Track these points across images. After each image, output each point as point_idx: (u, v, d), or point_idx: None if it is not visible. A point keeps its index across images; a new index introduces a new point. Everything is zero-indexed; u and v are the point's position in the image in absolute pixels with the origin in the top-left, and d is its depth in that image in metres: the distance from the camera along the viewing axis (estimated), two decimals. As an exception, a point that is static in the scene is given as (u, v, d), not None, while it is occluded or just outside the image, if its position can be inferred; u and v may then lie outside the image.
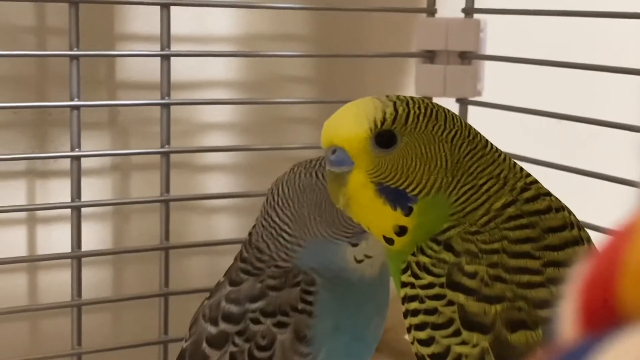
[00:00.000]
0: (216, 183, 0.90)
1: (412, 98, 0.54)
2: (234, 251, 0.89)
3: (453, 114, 0.55)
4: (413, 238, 0.52)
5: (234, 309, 0.64)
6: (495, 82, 0.88)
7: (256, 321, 0.64)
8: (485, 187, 0.53)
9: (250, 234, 0.67)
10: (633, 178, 0.73)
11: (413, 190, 0.52)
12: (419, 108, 0.53)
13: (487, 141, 0.55)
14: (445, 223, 0.52)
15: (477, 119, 0.87)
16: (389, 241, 0.54)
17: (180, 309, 0.81)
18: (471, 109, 0.87)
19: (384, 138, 0.52)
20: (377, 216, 0.53)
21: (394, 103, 0.53)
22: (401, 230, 0.53)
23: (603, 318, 0.19)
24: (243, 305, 0.64)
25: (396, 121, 0.52)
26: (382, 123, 0.52)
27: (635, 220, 0.19)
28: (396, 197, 0.52)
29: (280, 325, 0.64)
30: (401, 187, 0.52)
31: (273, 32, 0.90)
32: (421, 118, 0.53)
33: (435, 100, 0.87)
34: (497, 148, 0.55)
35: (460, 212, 0.52)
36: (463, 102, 0.87)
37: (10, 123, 0.81)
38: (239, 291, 0.64)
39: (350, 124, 0.53)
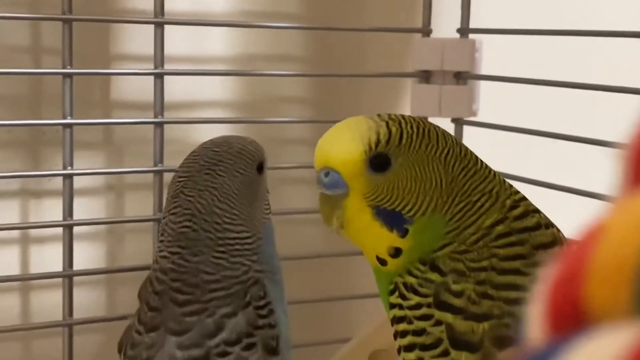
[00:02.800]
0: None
1: (403, 117, 0.54)
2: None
3: (444, 132, 0.54)
4: (407, 259, 0.52)
5: (195, 352, 0.63)
6: (490, 101, 0.88)
7: (224, 354, 0.63)
8: (478, 204, 0.52)
9: (157, 278, 0.66)
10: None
11: (409, 211, 0.52)
12: (411, 127, 0.53)
13: (477, 158, 0.55)
14: (440, 241, 0.52)
15: (472, 138, 0.87)
16: (382, 262, 0.53)
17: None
18: (466, 128, 0.87)
19: (378, 161, 0.52)
20: (373, 238, 0.53)
21: (387, 123, 0.52)
22: (396, 252, 0.52)
23: (570, 320, 0.18)
24: (203, 345, 0.63)
25: (390, 142, 0.52)
26: (377, 145, 0.52)
27: (601, 223, 0.19)
28: (392, 219, 0.52)
29: (249, 347, 0.63)
30: (397, 209, 0.52)
31: (269, 52, 0.90)
32: (414, 138, 0.52)
33: (431, 120, 0.87)
34: (486, 165, 0.55)
35: (456, 230, 0.52)
36: (458, 122, 0.87)
37: (4, 142, 0.81)
38: (191, 336, 0.63)
39: (344, 146, 0.52)
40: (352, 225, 0.53)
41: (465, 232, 0.52)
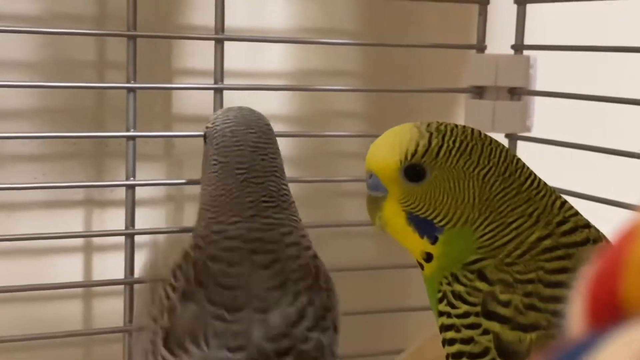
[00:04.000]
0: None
1: (452, 129, 0.54)
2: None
3: (493, 149, 0.54)
4: (439, 265, 0.54)
5: (284, 344, 0.64)
6: (545, 117, 0.88)
7: (305, 339, 0.64)
8: (513, 225, 0.53)
9: (225, 248, 0.66)
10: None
11: (440, 221, 0.54)
12: (454, 142, 0.54)
13: (527, 177, 0.55)
14: (472, 255, 0.53)
15: (526, 154, 0.87)
16: (421, 266, 0.56)
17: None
18: (520, 144, 0.87)
19: (412, 171, 0.54)
20: (408, 241, 0.55)
21: (430, 135, 0.54)
22: (428, 257, 0.55)
23: (608, 314, 0.19)
24: (290, 335, 0.64)
25: (426, 155, 0.53)
26: (413, 156, 0.54)
27: (638, 223, 0.20)
28: (424, 226, 0.54)
29: (324, 330, 0.65)
30: (429, 218, 0.54)
31: (325, 67, 0.92)
32: (453, 153, 0.54)
33: (485, 135, 0.88)
34: (538, 183, 0.55)
35: (488, 247, 0.53)
36: (512, 138, 0.87)
37: (70, 154, 0.84)
38: (278, 326, 0.64)
39: (384, 152, 0.55)
40: (390, 226, 0.56)
41: (504, 248, 0.52)
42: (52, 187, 0.82)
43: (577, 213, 0.55)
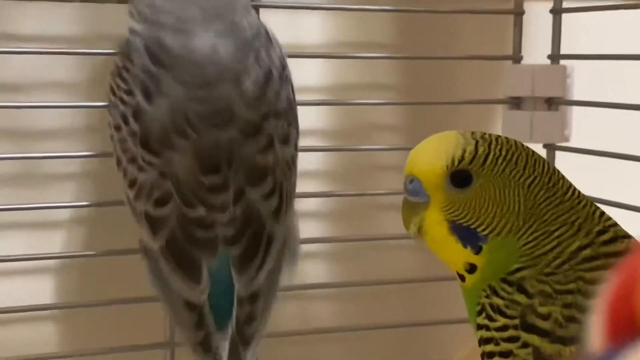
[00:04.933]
0: (306, 229, 0.92)
1: (497, 138, 0.55)
2: (324, 296, 0.91)
3: (537, 159, 0.55)
4: (482, 276, 0.54)
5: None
6: (583, 126, 0.88)
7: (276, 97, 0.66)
8: (556, 234, 0.53)
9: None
10: None
11: (484, 230, 0.53)
12: (500, 150, 0.54)
13: (568, 187, 0.55)
14: (514, 264, 0.53)
15: (564, 164, 0.87)
16: (461, 277, 0.55)
17: (268, 354, 0.82)
18: (558, 154, 0.87)
19: (459, 177, 0.53)
20: (450, 252, 0.54)
21: (476, 142, 0.54)
22: (471, 268, 0.54)
23: (625, 331, 0.20)
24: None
25: (474, 161, 0.53)
26: (460, 162, 0.53)
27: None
28: (467, 235, 0.53)
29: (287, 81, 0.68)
30: (472, 226, 0.53)
31: (361, 80, 0.93)
32: (500, 161, 0.53)
33: (523, 145, 0.88)
34: (579, 194, 0.55)
35: (529, 255, 0.53)
36: (550, 148, 0.87)
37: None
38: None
39: (429, 157, 0.54)
40: (429, 235, 0.55)
41: (545, 257, 0.52)
42: (87, 206, 0.83)
43: (616, 224, 0.55)
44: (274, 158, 0.66)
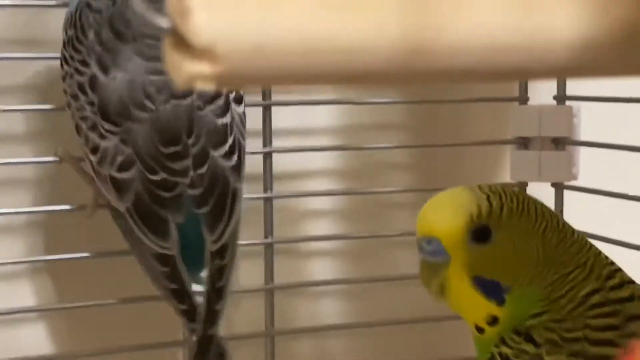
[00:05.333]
0: (320, 269, 0.93)
1: (503, 189, 0.56)
2: (341, 335, 0.92)
3: (541, 205, 0.56)
4: (503, 327, 0.54)
5: None
6: (591, 164, 0.89)
7: None
8: (571, 276, 0.54)
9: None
10: None
11: (508, 281, 0.54)
12: (511, 201, 0.55)
13: (573, 230, 0.56)
14: (533, 309, 0.54)
15: (572, 202, 0.88)
16: (480, 330, 0.56)
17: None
18: (567, 193, 0.88)
19: (480, 232, 0.54)
20: (472, 306, 0.55)
21: (488, 196, 0.55)
22: (493, 320, 0.55)
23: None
24: None
25: (491, 215, 0.54)
26: (478, 217, 0.54)
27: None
28: (491, 288, 0.54)
29: None
30: (496, 279, 0.54)
31: (372, 122, 0.94)
32: (514, 211, 0.54)
33: (531, 185, 0.89)
34: (582, 236, 0.56)
35: (547, 300, 0.54)
36: (558, 187, 0.88)
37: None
38: None
39: (447, 216, 0.55)
40: (452, 292, 0.55)
41: (560, 301, 0.53)
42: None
43: (620, 269, 0.56)
44: (231, 118, 0.69)
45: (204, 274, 0.70)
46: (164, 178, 0.67)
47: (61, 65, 0.69)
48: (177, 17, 0.27)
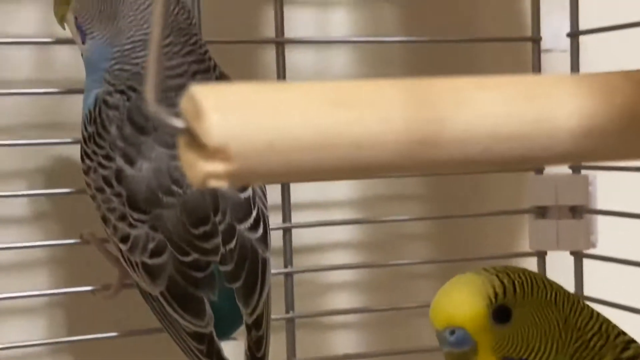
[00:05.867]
0: (342, 342, 0.93)
1: (508, 268, 0.57)
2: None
3: (544, 277, 0.57)
4: None
5: None
6: (611, 233, 0.89)
7: None
8: (592, 343, 0.55)
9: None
10: None
11: (535, 356, 0.55)
12: (519, 277, 0.56)
13: (578, 298, 0.57)
14: None
15: (592, 271, 0.88)
16: None
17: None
18: (586, 261, 0.88)
19: (500, 313, 0.55)
20: None
21: (497, 276, 0.55)
22: None
23: None
24: None
25: (507, 294, 0.55)
26: (496, 298, 0.54)
27: None
28: None
29: None
30: (524, 356, 0.55)
31: (390, 193, 0.95)
32: (526, 286, 0.55)
33: (550, 254, 0.89)
34: (585, 303, 0.57)
35: None
36: (577, 255, 0.88)
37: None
38: None
39: (467, 302, 0.54)
40: None
41: None
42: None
43: (633, 340, 0.57)
44: (252, 191, 0.70)
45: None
46: (195, 259, 0.68)
47: (82, 159, 0.70)
48: (190, 118, 0.28)
